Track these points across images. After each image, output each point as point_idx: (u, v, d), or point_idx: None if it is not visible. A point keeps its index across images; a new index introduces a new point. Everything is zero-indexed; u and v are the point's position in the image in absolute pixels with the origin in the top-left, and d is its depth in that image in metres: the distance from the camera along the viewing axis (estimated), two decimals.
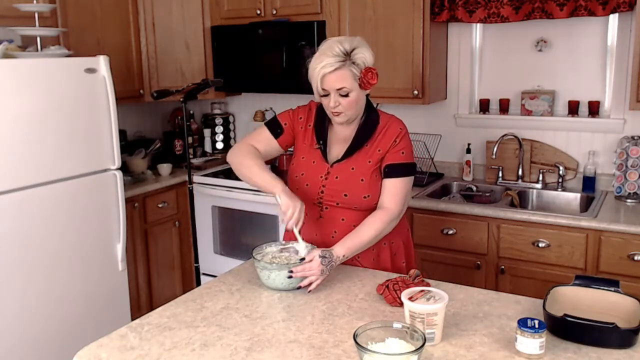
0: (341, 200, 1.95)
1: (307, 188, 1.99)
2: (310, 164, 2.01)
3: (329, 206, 1.98)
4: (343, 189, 1.94)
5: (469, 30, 3.34)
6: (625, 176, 2.89)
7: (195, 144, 4.11)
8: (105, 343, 1.49)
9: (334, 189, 1.95)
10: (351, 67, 1.83)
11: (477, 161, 3.41)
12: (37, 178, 2.63)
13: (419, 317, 1.42)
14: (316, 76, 1.85)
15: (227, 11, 3.67)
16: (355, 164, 1.95)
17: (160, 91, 2.98)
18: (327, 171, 1.97)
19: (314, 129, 2.03)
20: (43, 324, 2.68)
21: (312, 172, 2.00)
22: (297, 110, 2.09)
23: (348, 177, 1.94)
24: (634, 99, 2.73)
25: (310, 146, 2.03)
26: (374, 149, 1.95)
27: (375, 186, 1.95)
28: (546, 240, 2.68)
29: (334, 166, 1.97)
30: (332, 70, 1.82)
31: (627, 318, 1.47)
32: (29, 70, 2.57)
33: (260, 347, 1.44)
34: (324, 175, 1.97)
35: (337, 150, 2.00)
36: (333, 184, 1.95)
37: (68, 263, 2.77)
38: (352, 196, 1.94)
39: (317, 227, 2.00)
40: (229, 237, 3.66)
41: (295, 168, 2.05)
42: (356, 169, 1.94)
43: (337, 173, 1.96)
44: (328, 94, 1.87)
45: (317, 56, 1.86)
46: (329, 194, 1.96)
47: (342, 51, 1.82)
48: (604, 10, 2.78)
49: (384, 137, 1.95)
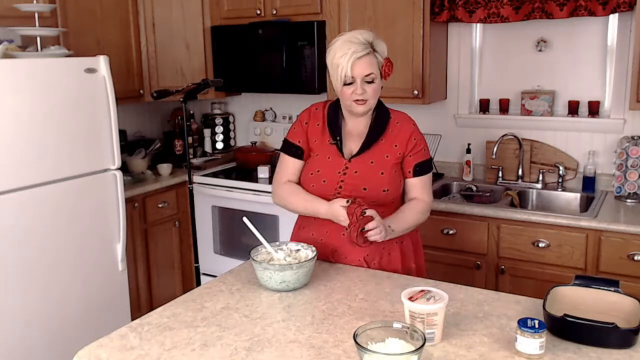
0: (360, 195, 1.94)
1: (324, 184, 1.99)
2: (325, 160, 2.01)
3: None
4: (363, 182, 1.95)
5: (469, 30, 3.34)
6: (625, 176, 2.89)
7: (195, 144, 4.11)
8: (105, 343, 1.49)
9: (353, 183, 1.96)
10: (376, 55, 1.91)
11: (477, 161, 3.41)
12: (37, 178, 2.63)
13: (419, 317, 1.42)
14: (345, 63, 1.86)
15: (227, 11, 3.67)
16: (373, 158, 1.97)
17: (160, 91, 2.98)
18: (344, 166, 1.98)
19: (325, 126, 2.04)
20: (43, 323, 2.68)
21: (328, 168, 2.00)
22: (300, 120, 2.09)
23: (368, 171, 1.96)
24: (634, 99, 2.74)
25: (322, 143, 2.03)
26: (390, 143, 1.99)
27: (395, 181, 1.98)
28: (546, 240, 2.68)
29: (352, 160, 1.98)
30: (363, 56, 1.87)
31: (627, 318, 1.47)
32: (29, 70, 2.56)
33: (260, 347, 1.44)
34: (342, 170, 1.98)
35: (352, 145, 2.01)
36: (352, 178, 1.96)
37: (68, 263, 2.77)
38: (372, 190, 1.95)
39: (330, 224, 1.96)
40: (229, 237, 3.66)
41: (310, 166, 2.04)
42: (375, 162, 1.97)
43: (356, 167, 1.97)
44: (352, 82, 1.89)
45: (342, 45, 1.88)
46: (347, 189, 1.96)
47: (366, 40, 1.89)
48: (604, 10, 2.78)
49: (399, 133, 2.00)
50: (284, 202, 2.07)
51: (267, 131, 4.09)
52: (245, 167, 3.79)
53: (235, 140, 4.27)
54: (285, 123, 3.99)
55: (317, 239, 2.00)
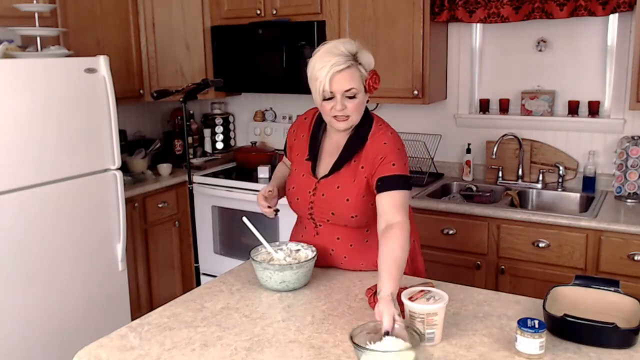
0: (330, 218, 1.88)
1: (298, 202, 1.94)
2: (300, 178, 1.94)
3: (322, 223, 1.91)
4: (330, 207, 1.86)
5: (469, 30, 3.34)
6: (625, 176, 2.89)
7: (195, 144, 4.11)
8: (105, 343, 1.49)
9: (322, 206, 1.88)
10: (359, 67, 1.74)
11: (477, 161, 3.41)
12: (37, 178, 2.63)
13: (419, 317, 1.42)
14: (323, 76, 1.70)
15: (227, 11, 3.67)
16: (340, 182, 1.85)
17: (160, 91, 2.98)
18: (314, 186, 1.89)
19: (309, 139, 1.95)
20: (43, 323, 2.68)
21: (302, 186, 1.93)
22: (292, 128, 2.07)
23: (334, 196, 1.85)
24: (634, 99, 2.73)
25: (301, 158, 1.96)
26: (358, 165, 1.83)
27: (362, 206, 1.84)
28: (546, 240, 2.68)
29: (320, 182, 1.88)
30: (343, 69, 1.70)
31: (627, 318, 1.47)
32: (29, 70, 2.56)
33: (260, 347, 1.44)
34: (312, 191, 1.90)
35: (326, 163, 1.90)
36: (320, 201, 1.88)
37: (68, 263, 2.77)
38: (340, 215, 1.85)
39: (316, 243, 1.92)
40: (229, 237, 3.66)
41: (290, 180, 2.01)
42: (341, 187, 1.84)
43: (324, 190, 1.87)
44: (332, 97, 1.74)
45: (322, 56, 1.73)
46: (318, 211, 1.89)
47: (348, 51, 1.73)
48: (604, 10, 2.78)
49: (369, 152, 1.82)
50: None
51: (267, 131, 4.09)
52: (245, 167, 3.79)
53: (235, 140, 4.27)
54: (285, 123, 3.99)
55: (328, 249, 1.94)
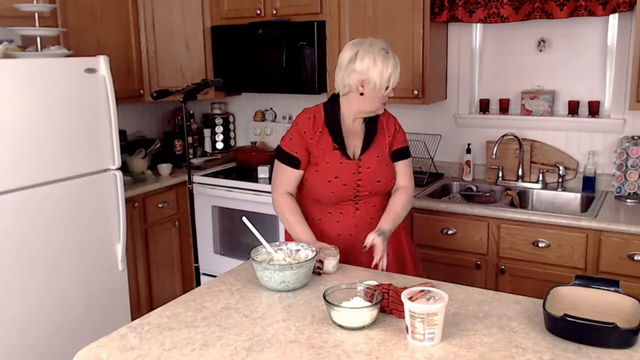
0: (374, 188, 2.11)
1: (345, 188, 2.08)
2: (338, 166, 2.08)
3: (363, 197, 2.11)
4: (376, 175, 2.11)
5: (469, 30, 3.34)
6: (625, 176, 2.89)
7: (195, 144, 4.11)
8: (105, 343, 1.49)
9: (369, 178, 2.10)
10: None
11: (477, 161, 3.41)
12: (37, 178, 2.63)
13: (419, 317, 1.42)
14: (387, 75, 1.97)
15: (227, 11, 3.67)
16: (377, 152, 2.13)
17: (160, 91, 2.98)
18: (357, 165, 2.09)
19: (327, 132, 2.09)
20: (43, 323, 2.68)
21: (344, 172, 2.08)
22: (299, 130, 2.09)
23: (377, 165, 2.12)
24: (634, 99, 2.73)
25: (328, 150, 2.09)
26: (385, 136, 2.15)
27: (393, 169, 2.17)
28: (546, 240, 2.68)
29: (361, 158, 2.10)
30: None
31: (627, 318, 1.47)
32: (29, 70, 2.57)
33: (260, 347, 1.44)
34: (356, 170, 2.09)
35: (354, 144, 2.12)
36: (367, 175, 2.10)
37: (68, 263, 2.77)
38: (384, 180, 2.13)
39: (356, 220, 2.12)
40: (229, 237, 3.66)
41: (324, 174, 2.08)
42: (380, 156, 2.13)
43: (368, 163, 2.10)
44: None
45: (380, 55, 1.97)
46: (364, 186, 2.10)
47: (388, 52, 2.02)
48: (604, 10, 2.78)
49: (388, 125, 2.18)
50: (280, 213, 2.12)
51: (267, 131, 4.09)
52: (245, 167, 3.79)
53: (235, 140, 4.27)
54: (285, 123, 3.99)
55: (347, 234, 2.13)
